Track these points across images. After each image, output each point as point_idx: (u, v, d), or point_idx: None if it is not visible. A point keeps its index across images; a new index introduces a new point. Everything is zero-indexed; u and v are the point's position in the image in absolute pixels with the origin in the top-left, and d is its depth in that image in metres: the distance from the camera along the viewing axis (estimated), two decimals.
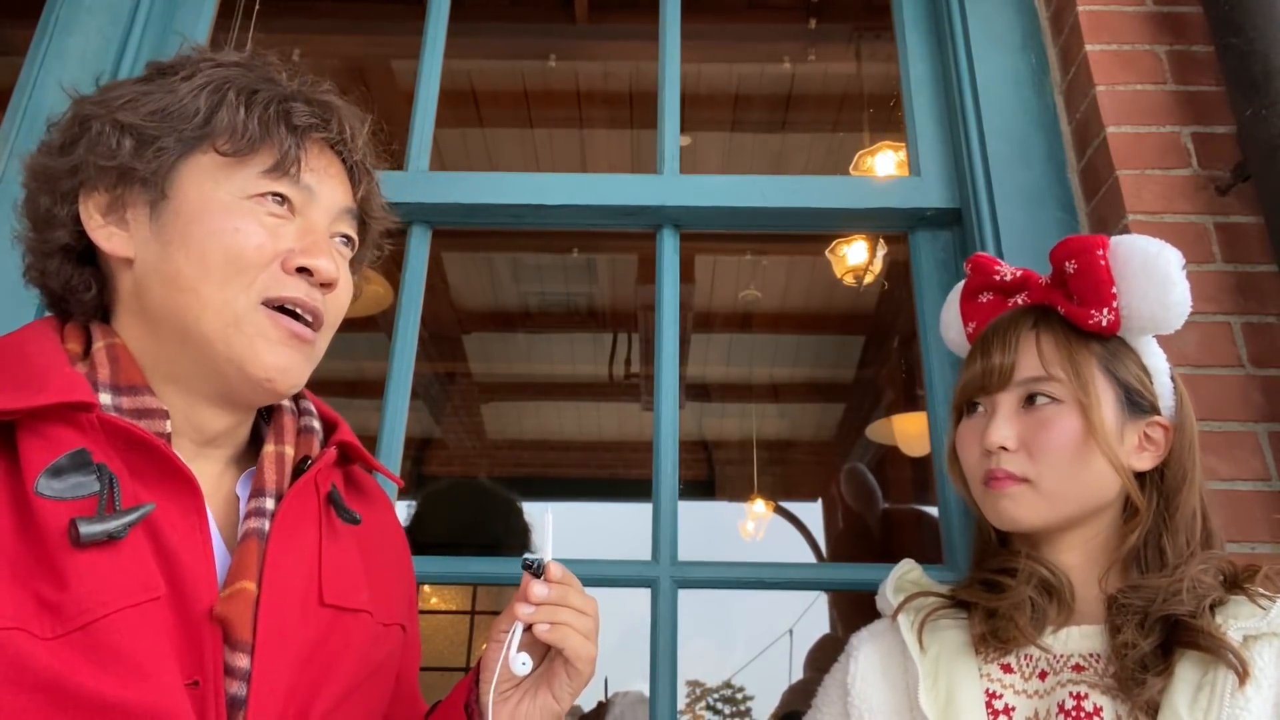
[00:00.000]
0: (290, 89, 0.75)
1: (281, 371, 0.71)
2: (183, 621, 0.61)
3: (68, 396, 0.62)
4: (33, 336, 0.69)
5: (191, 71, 0.73)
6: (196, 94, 0.71)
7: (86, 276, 0.73)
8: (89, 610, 0.56)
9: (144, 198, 0.70)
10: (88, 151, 0.70)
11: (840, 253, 3.31)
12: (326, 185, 0.75)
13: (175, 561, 0.62)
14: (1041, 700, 0.79)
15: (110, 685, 0.55)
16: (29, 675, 0.53)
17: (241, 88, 0.72)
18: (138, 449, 0.64)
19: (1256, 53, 1.21)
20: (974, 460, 0.88)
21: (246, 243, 0.69)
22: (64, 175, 0.71)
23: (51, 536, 0.57)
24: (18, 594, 0.55)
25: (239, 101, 0.71)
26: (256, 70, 0.75)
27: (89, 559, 0.57)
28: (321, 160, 0.75)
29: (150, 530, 0.61)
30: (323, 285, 0.72)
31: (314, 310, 0.72)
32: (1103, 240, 0.86)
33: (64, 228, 0.72)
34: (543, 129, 3.14)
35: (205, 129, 0.70)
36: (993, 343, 0.89)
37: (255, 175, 0.71)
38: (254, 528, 0.69)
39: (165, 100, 0.71)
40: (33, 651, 0.54)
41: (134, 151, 0.69)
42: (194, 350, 0.69)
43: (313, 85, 0.77)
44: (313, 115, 0.74)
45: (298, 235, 0.72)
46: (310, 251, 0.71)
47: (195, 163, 0.71)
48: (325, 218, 0.75)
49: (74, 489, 0.59)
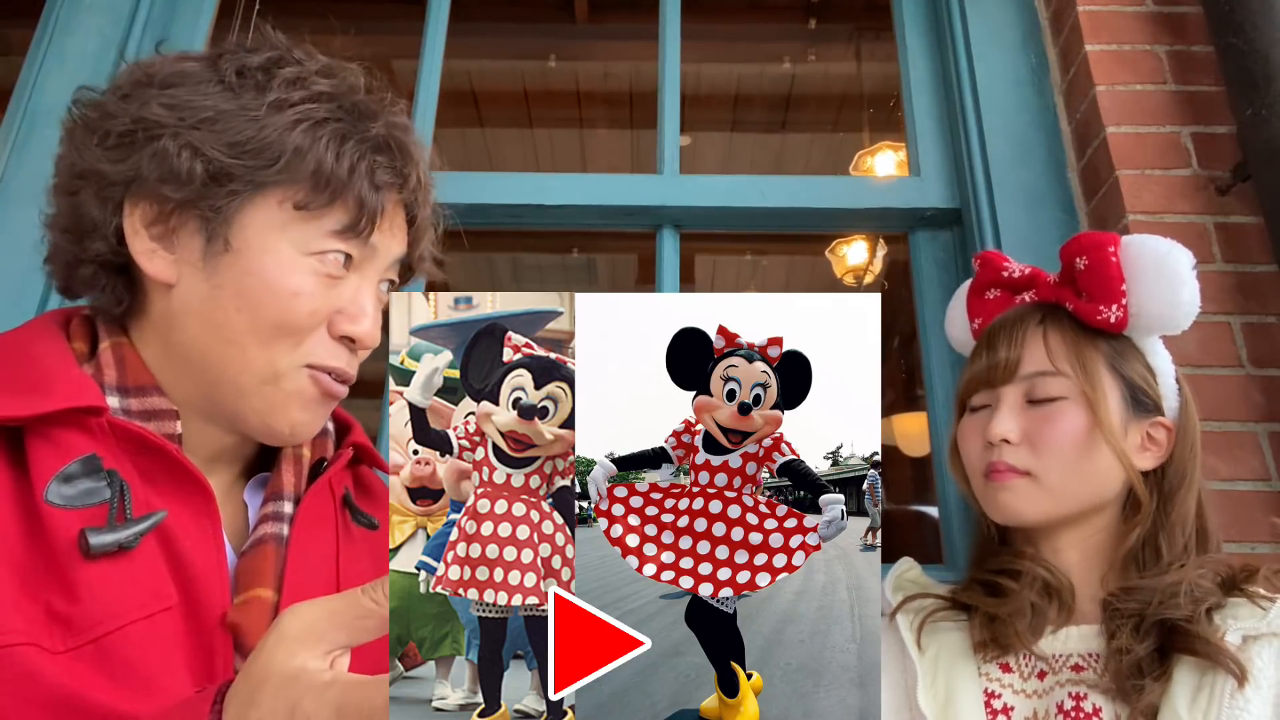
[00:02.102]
0: (377, 133, 0.68)
1: (305, 426, 0.70)
2: (194, 629, 0.60)
3: (77, 401, 0.60)
4: (39, 335, 0.66)
5: (281, 99, 0.65)
6: (285, 132, 0.64)
7: (119, 289, 0.68)
8: (100, 623, 0.55)
9: (199, 230, 0.65)
10: (151, 166, 0.63)
11: (840, 253, 3.31)
12: (388, 240, 0.71)
13: (187, 568, 0.61)
14: (1040, 700, 0.79)
15: (121, 699, 0.54)
16: (40, 690, 0.52)
17: (334, 134, 0.66)
18: (148, 453, 0.63)
19: (1256, 53, 1.21)
20: (976, 454, 0.88)
21: (302, 309, 0.65)
22: (117, 184, 0.65)
23: (62, 547, 0.56)
24: (28, 607, 0.54)
25: (328, 150, 0.65)
26: (345, 100, 0.68)
27: (100, 570, 0.56)
28: (391, 217, 0.71)
29: (162, 537, 0.60)
30: (361, 350, 0.71)
31: (349, 378, 0.71)
32: (1114, 237, 0.86)
33: (105, 240, 0.66)
34: (543, 129, 3.14)
35: (285, 174, 0.64)
36: (999, 337, 0.89)
37: (325, 233, 0.66)
38: (270, 532, 0.67)
39: (248, 131, 0.64)
40: (43, 666, 0.53)
41: (204, 185, 0.63)
42: (221, 392, 0.67)
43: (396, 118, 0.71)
44: (394, 172, 0.69)
45: (350, 296, 0.68)
46: (357, 318, 0.68)
47: (264, 207, 0.65)
48: (379, 273, 0.72)
49: (84, 497, 0.58)
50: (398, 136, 0.70)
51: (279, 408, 0.67)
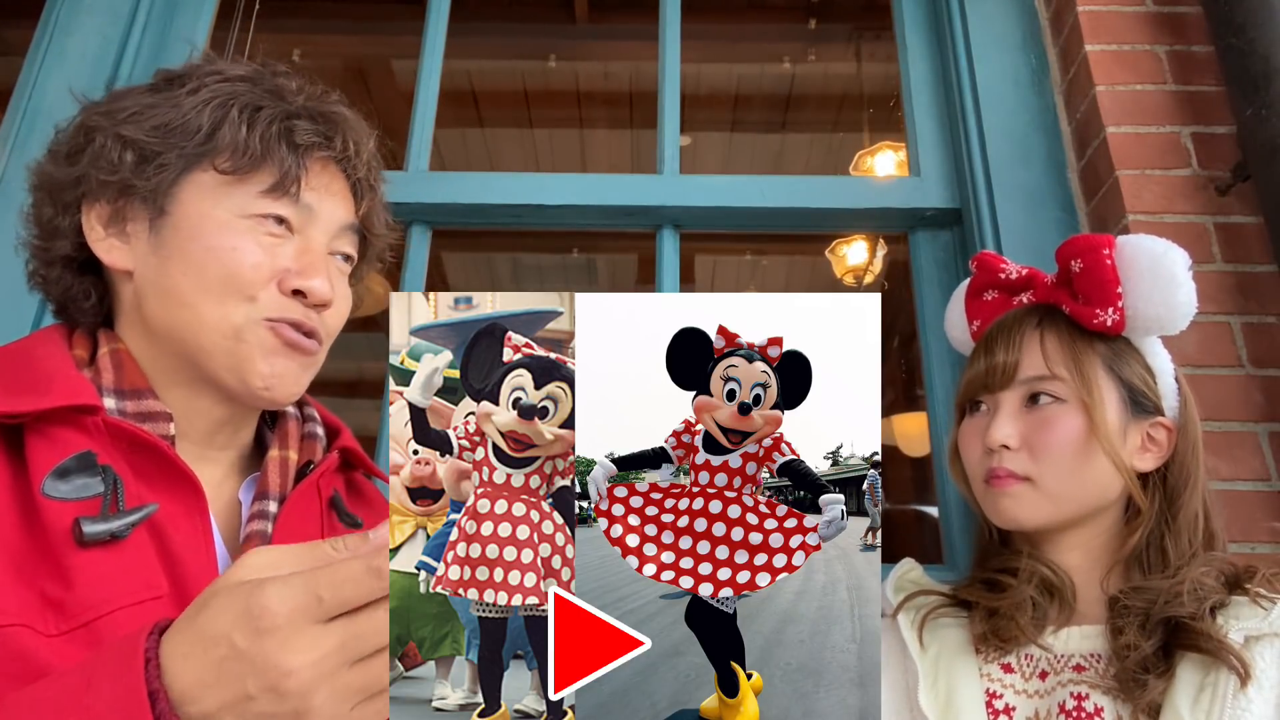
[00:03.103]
0: (295, 105, 0.74)
1: (279, 379, 0.71)
2: None
3: (73, 399, 0.63)
4: (41, 342, 0.71)
5: (197, 85, 0.72)
6: (200, 109, 0.70)
7: (86, 285, 0.74)
8: (92, 608, 0.57)
9: (144, 212, 0.70)
10: (90, 164, 0.70)
11: (840, 253, 3.31)
12: (327, 203, 0.75)
13: (178, 562, 0.62)
14: (1042, 700, 0.79)
15: None
16: (32, 671, 0.54)
17: (245, 104, 0.71)
18: (142, 451, 0.65)
19: (1256, 53, 1.21)
20: (976, 459, 0.88)
21: (243, 261, 0.69)
22: (68, 186, 0.71)
23: (56, 535, 0.58)
24: (22, 591, 0.56)
25: (241, 119, 0.70)
26: (263, 84, 0.74)
27: (93, 558, 0.58)
28: (323, 178, 0.74)
29: (154, 531, 0.62)
30: (318, 306, 0.73)
31: (311, 330, 0.73)
32: (1109, 239, 0.86)
33: (66, 238, 0.72)
34: (543, 129, 3.14)
35: (207, 146, 0.70)
36: (996, 341, 0.89)
37: (254, 195, 0.70)
38: (257, 529, 0.70)
39: (169, 115, 0.70)
40: (36, 647, 0.54)
41: (135, 167, 0.69)
42: (193, 360, 0.70)
43: (321, 97, 0.76)
44: (316, 133, 0.73)
45: (295, 255, 0.72)
46: (306, 273, 0.71)
47: (196, 179, 0.70)
48: (324, 236, 0.74)
49: (79, 490, 0.60)
50: (320, 107, 0.75)
51: (246, 363, 0.70)
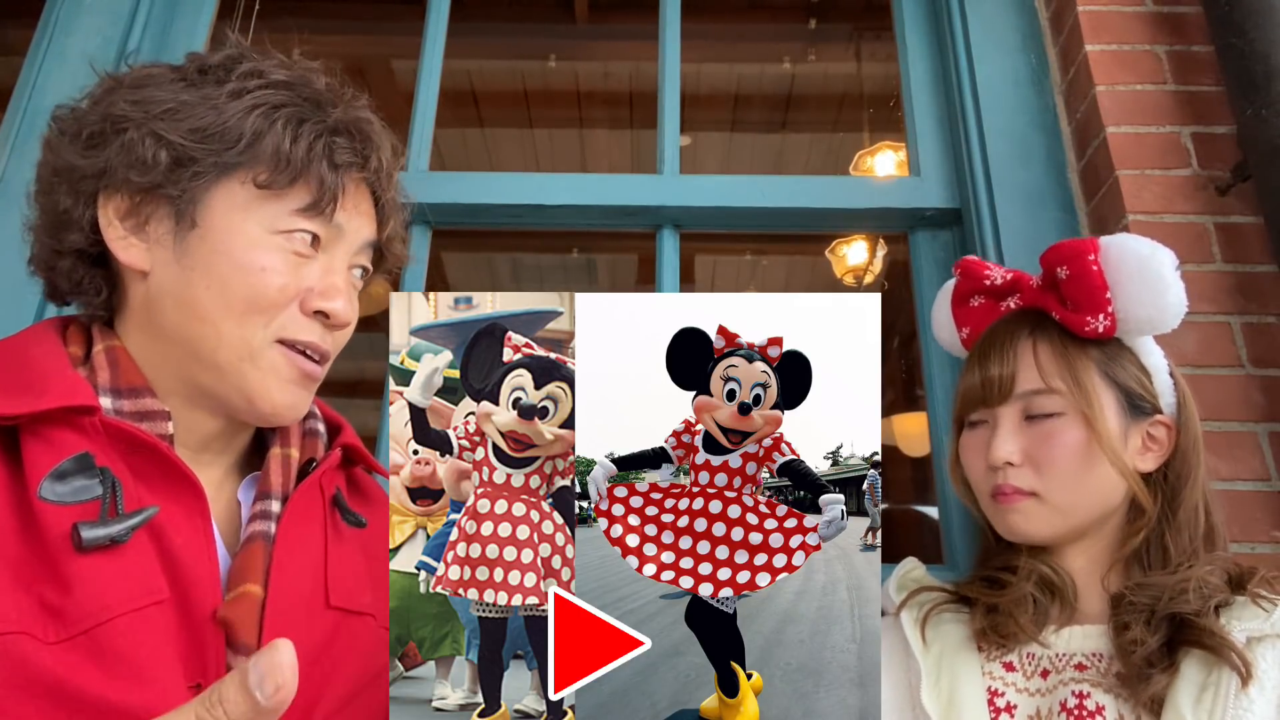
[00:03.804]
0: (333, 119, 0.71)
1: (289, 408, 0.71)
2: (186, 624, 0.61)
3: (70, 400, 0.61)
4: (36, 339, 0.69)
5: (238, 88, 0.69)
6: (243, 116, 0.67)
7: (98, 280, 0.71)
8: (92, 614, 0.56)
9: (169, 215, 0.68)
10: (119, 157, 0.67)
11: (840, 253, 3.31)
12: (355, 222, 0.74)
13: (179, 564, 0.62)
14: (1043, 699, 0.79)
15: (113, 689, 0.55)
16: (32, 679, 0.53)
17: (290, 116, 0.69)
18: (140, 452, 0.64)
19: (1256, 53, 1.21)
20: (980, 474, 0.88)
21: (271, 284, 0.67)
22: (90, 176, 0.68)
23: (54, 541, 0.57)
24: (21, 598, 0.55)
25: (286, 132, 0.68)
26: (302, 89, 0.71)
27: (92, 563, 0.57)
28: (355, 198, 0.73)
29: (154, 533, 0.61)
30: (336, 327, 0.73)
31: (324, 353, 0.72)
32: (1093, 244, 0.85)
33: (80, 231, 0.69)
34: (543, 129, 3.14)
35: (245, 155, 0.67)
36: (990, 354, 0.88)
37: (288, 211, 0.69)
38: (259, 530, 0.69)
39: (209, 118, 0.67)
40: (36, 655, 0.54)
41: (169, 169, 0.66)
42: (203, 374, 0.69)
43: (351, 102, 0.74)
44: (354, 152, 0.72)
45: (320, 274, 0.71)
46: (328, 294, 0.70)
47: (228, 189, 0.68)
48: (348, 255, 0.74)
49: (77, 493, 0.59)
50: (356, 121, 0.73)
51: (258, 387, 0.69)
